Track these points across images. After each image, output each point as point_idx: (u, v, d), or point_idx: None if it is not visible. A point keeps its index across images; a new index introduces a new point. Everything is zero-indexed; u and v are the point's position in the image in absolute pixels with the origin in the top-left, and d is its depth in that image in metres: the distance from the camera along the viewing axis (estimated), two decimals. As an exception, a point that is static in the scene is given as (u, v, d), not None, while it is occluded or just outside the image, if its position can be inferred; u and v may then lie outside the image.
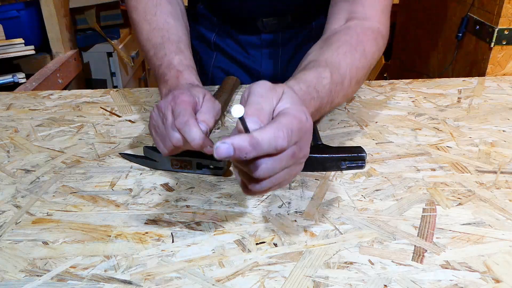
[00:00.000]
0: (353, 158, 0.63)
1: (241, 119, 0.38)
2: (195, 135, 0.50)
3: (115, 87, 2.25)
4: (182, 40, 0.70)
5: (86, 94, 0.94)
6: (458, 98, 0.86)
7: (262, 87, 0.43)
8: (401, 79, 0.96)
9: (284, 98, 0.43)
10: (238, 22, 0.92)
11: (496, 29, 1.03)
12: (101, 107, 0.87)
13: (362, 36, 0.63)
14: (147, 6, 0.72)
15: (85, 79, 2.12)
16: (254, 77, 0.96)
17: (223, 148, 0.37)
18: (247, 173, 0.41)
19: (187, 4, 0.98)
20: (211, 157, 0.62)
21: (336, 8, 0.68)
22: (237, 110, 0.36)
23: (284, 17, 0.89)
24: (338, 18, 0.67)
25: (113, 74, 2.24)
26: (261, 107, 0.41)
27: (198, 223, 0.54)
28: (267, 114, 0.41)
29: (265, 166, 0.40)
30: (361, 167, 0.64)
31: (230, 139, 0.37)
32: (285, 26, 0.91)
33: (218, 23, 0.94)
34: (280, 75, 0.96)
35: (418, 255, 0.48)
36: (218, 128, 0.77)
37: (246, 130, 0.39)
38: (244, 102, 0.43)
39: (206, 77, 0.99)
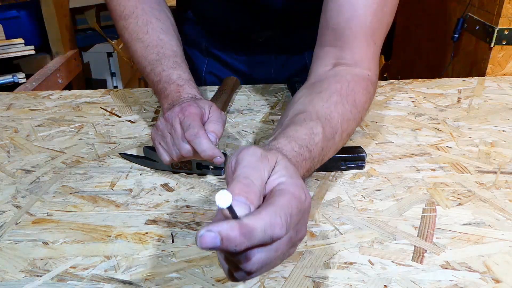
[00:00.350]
0: (353, 158, 0.63)
1: (229, 208, 0.31)
2: (206, 147, 0.52)
3: (115, 87, 2.25)
4: (177, 55, 0.69)
5: (86, 94, 0.94)
6: (458, 98, 0.86)
7: (252, 155, 0.38)
8: (401, 79, 0.96)
9: (278, 170, 0.38)
10: (230, 34, 0.91)
11: (496, 29, 1.03)
12: (101, 107, 0.87)
13: (352, 85, 0.58)
14: (137, 26, 0.71)
15: (85, 79, 2.12)
16: (248, 81, 0.96)
17: (208, 238, 0.31)
18: (235, 261, 0.35)
19: (175, 7, 0.98)
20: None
21: (322, 52, 0.64)
22: (223, 199, 0.30)
23: (277, 29, 0.88)
24: (324, 63, 0.63)
25: (113, 74, 2.24)
26: (250, 182, 0.35)
27: (198, 223, 0.54)
28: (257, 192, 0.35)
29: (258, 258, 0.34)
30: (361, 167, 0.64)
31: (217, 227, 0.31)
32: (279, 37, 0.90)
33: (209, 31, 0.93)
34: (273, 80, 0.96)
35: (418, 255, 0.48)
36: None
37: (235, 216, 0.32)
38: (230, 172, 0.38)
39: (199, 82, 0.98)
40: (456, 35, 1.20)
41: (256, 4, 0.81)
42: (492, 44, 1.05)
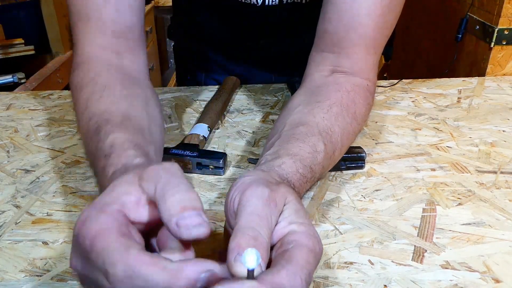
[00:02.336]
0: (352, 158, 0.63)
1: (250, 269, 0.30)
2: None
3: (115, 87, 2.25)
4: (127, 118, 0.49)
5: (86, 94, 0.94)
6: (458, 98, 0.86)
7: (258, 198, 0.35)
8: (401, 79, 0.96)
9: (288, 215, 0.36)
10: (227, 40, 0.90)
11: (496, 29, 1.03)
12: (101, 107, 0.87)
13: (353, 95, 0.56)
14: (94, 90, 0.52)
15: (85, 79, 2.11)
16: (249, 83, 0.96)
17: None
18: None
19: (171, 9, 0.97)
20: (211, 157, 0.62)
21: (319, 57, 0.61)
22: (251, 259, 0.29)
23: (273, 37, 0.87)
24: (321, 68, 0.60)
25: (113, 74, 2.23)
26: (257, 235, 0.32)
27: (198, 223, 0.54)
28: (265, 245, 0.33)
29: None
30: (361, 167, 0.64)
31: (236, 286, 0.29)
32: (276, 43, 0.88)
33: (206, 37, 0.92)
34: (274, 82, 0.95)
35: (418, 255, 0.48)
36: (217, 128, 0.76)
37: (251, 277, 0.30)
38: (232, 211, 0.36)
39: (199, 86, 0.98)
40: (460, 35, 1.20)
41: (249, 14, 0.80)
42: (492, 44, 1.05)
